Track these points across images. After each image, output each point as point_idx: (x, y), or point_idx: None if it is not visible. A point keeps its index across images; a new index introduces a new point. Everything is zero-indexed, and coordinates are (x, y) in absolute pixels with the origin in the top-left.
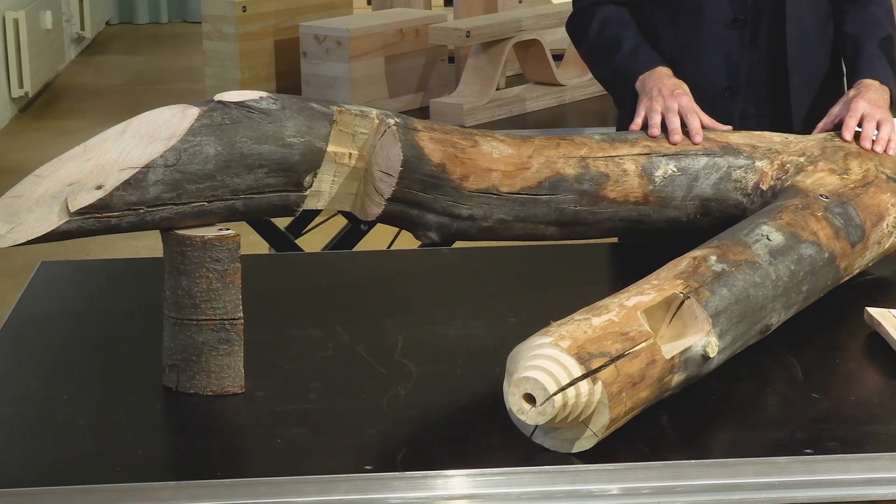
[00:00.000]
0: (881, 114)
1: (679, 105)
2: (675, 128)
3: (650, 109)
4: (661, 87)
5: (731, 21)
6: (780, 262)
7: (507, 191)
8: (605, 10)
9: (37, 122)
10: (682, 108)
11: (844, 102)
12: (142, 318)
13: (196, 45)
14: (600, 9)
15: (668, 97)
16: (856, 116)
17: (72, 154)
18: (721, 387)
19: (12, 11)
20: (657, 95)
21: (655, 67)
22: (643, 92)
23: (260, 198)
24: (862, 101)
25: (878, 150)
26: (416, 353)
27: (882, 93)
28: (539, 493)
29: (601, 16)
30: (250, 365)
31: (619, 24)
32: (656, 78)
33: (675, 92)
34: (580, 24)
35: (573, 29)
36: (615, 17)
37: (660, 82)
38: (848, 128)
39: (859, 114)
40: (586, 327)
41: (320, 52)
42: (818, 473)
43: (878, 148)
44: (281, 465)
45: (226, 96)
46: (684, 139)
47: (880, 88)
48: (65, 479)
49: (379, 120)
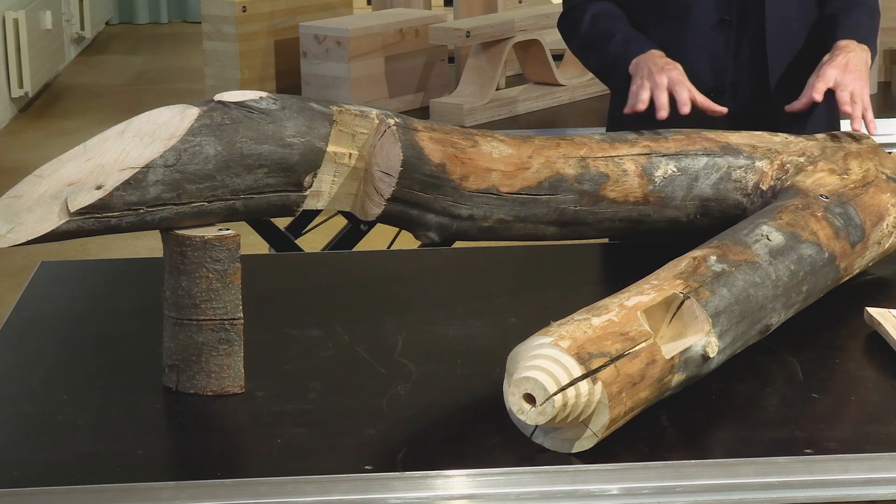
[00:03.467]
0: (853, 80)
1: (669, 78)
2: (662, 103)
3: (640, 87)
4: (652, 65)
5: (717, 22)
6: (780, 262)
7: (507, 191)
8: (597, 6)
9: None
10: (672, 80)
11: (816, 70)
12: (142, 318)
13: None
14: (592, 5)
15: (658, 72)
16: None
17: (72, 154)
18: (721, 387)
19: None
20: (647, 73)
21: (648, 51)
22: (636, 72)
23: (260, 198)
24: (831, 69)
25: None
26: (416, 353)
27: (859, 52)
28: (539, 493)
29: (593, 11)
30: (250, 365)
31: (611, 17)
32: (648, 58)
33: (666, 67)
34: (572, 21)
35: (565, 26)
36: (607, 11)
37: (651, 61)
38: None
39: (824, 85)
40: (586, 327)
41: (320, 52)
42: (818, 473)
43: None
44: (281, 465)
45: (226, 96)
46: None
47: (857, 47)
48: (65, 479)
49: (379, 120)
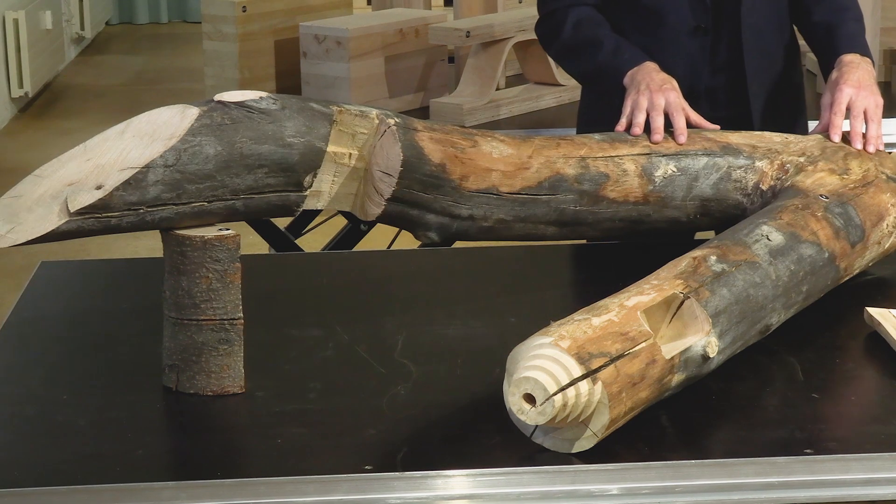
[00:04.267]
0: (865, 97)
1: (666, 101)
2: (658, 127)
3: (636, 105)
4: (650, 82)
5: (694, 29)
6: (780, 262)
7: (507, 191)
8: (579, 12)
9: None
10: (669, 104)
11: (830, 89)
12: (142, 318)
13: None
14: (573, 10)
15: (656, 92)
16: (841, 112)
17: (72, 154)
18: (721, 387)
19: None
20: (644, 90)
21: (643, 63)
22: (631, 86)
23: (260, 198)
24: (846, 87)
25: (871, 151)
26: (416, 353)
27: (866, 66)
28: (539, 493)
29: (575, 16)
30: (250, 365)
31: (595, 23)
32: (645, 73)
33: (664, 87)
34: (552, 25)
35: (544, 30)
36: (590, 17)
37: (648, 77)
38: (835, 127)
39: (844, 105)
40: (586, 327)
41: (320, 52)
42: (818, 473)
43: (870, 148)
44: (281, 465)
45: (226, 96)
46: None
47: (862, 62)
48: (65, 479)
49: (379, 120)
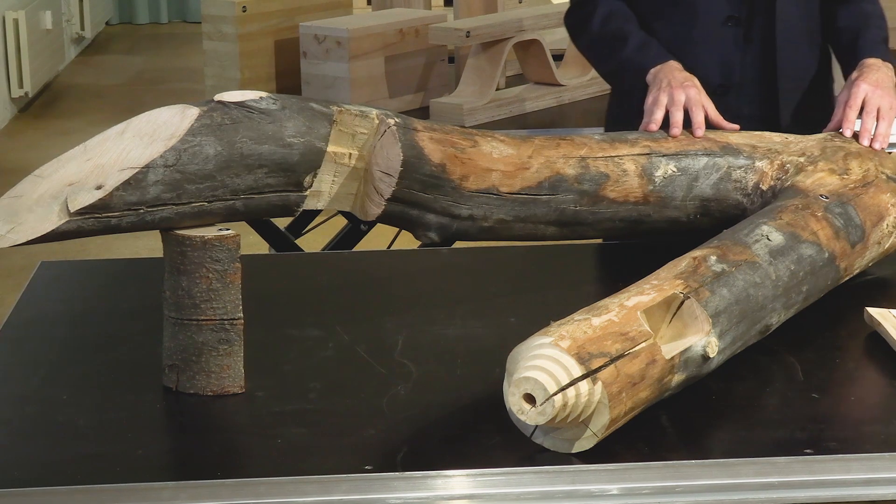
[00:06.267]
0: (881, 97)
1: (686, 96)
2: (677, 121)
3: (655, 102)
4: (672, 79)
5: (726, 19)
6: (780, 262)
7: (507, 191)
8: (608, 4)
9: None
10: (689, 99)
11: (847, 86)
12: (142, 318)
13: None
14: (602, 2)
15: (677, 88)
16: (856, 108)
17: (72, 154)
18: (721, 387)
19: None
20: (665, 86)
21: (667, 61)
22: (654, 83)
23: (260, 198)
24: (864, 84)
25: (876, 147)
26: (416, 353)
27: (886, 70)
28: (539, 493)
29: (604, 9)
30: (250, 365)
31: (623, 18)
32: (667, 71)
33: (685, 84)
34: (581, 17)
35: (573, 21)
36: (618, 11)
37: (671, 74)
38: (848, 122)
39: (860, 101)
40: (586, 327)
41: (320, 52)
42: (818, 473)
43: (875, 145)
44: (281, 465)
45: (226, 96)
46: (686, 135)
47: (883, 66)
48: (65, 479)
49: (379, 120)
